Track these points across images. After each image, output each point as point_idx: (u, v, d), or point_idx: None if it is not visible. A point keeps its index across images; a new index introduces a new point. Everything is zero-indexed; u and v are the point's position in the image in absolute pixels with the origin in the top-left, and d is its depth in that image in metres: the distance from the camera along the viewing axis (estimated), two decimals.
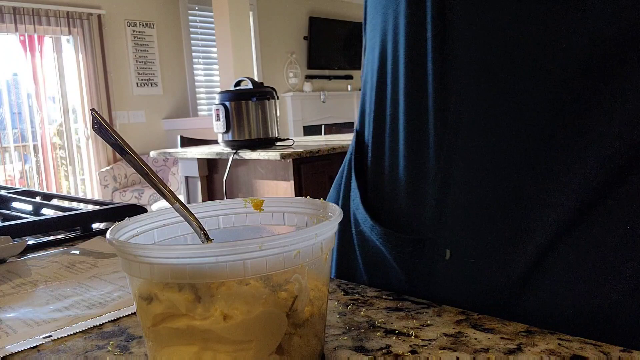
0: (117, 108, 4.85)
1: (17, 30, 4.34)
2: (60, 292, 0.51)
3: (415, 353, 0.35)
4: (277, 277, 0.31)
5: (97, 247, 0.68)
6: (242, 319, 0.30)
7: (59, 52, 4.69)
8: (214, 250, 0.29)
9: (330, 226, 0.33)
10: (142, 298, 0.32)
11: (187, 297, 0.30)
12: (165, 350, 0.31)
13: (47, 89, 4.69)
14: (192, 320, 0.30)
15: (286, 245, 0.30)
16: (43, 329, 0.42)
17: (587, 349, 0.34)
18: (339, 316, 0.42)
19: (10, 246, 0.63)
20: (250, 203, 0.41)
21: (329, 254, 0.34)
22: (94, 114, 0.33)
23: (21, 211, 0.92)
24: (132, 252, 0.30)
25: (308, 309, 0.32)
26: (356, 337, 0.38)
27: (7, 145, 4.58)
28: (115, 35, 4.85)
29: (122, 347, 0.38)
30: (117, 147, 0.33)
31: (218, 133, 2.49)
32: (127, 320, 0.44)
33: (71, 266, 0.60)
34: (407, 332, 0.38)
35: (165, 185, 0.35)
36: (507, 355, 0.34)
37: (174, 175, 4.41)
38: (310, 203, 0.39)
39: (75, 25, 4.61)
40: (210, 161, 2.70)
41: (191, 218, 0.36)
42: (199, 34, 5.40)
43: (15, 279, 0.56)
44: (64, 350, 0.39)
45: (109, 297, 0.49)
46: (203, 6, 5.31)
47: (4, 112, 4.56)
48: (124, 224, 0.36)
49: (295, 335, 0.31)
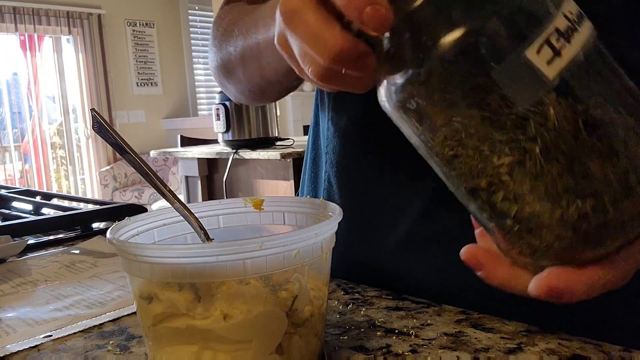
0: (117, 108, 4.84)
1: (17, 30, 4.34)
2: (60, 291, 0.51)
3: (415, 352, 0.35)
4: (277, 277, 0.31)
5: (97, 247, 0.68)
6: (242, 319, 0.30)
7: (58, 52, 4.68)
8: (214, 250, 0.29)
9: (330, 226, 0.32)
10: (142, 297, 0.32)
11: (187, 296, 0.30)
12: (165, 349, 0.31)
13: (47, 88, 4.69)
14: (192, 320, 0.30)
15: (286, 245, 0.30)
16: (43, 328, 0.42)
17: (587, 349, 0.34)
18: (339, 316, 0.42)
19: (10, 246, 0.63)
20: (250, 203, 0.41)
21: (329, 253, 0.34)
22: (94, 114, 0.33)
23: (21, 211, 0.92)
24: (132, 251, 0.30)
25: (308, 308, 0.32)
26: (356, 337, 0.38)
27: (7, 144, 4.58)
28: (115, 35, 4.84)
29: (122, 347, 0.38)
30: (117, 146, 0.33)
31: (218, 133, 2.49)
32: (127, 319, 0.44)
33: (71, 266, 0.60)
34: (407, 331, 0.38)
35: (165, 184, 0.35)
36: (507, 355, 0.34)
37: (174, 175, 4.40)
38: (310, 203, 0.39)
39: (75, 25, 4.60)
40: (210, 161, 2.70)
41: (191, 217, 0.36)
42: (199, 33, 5.40)
43: (15, 278, 0.56)
44: (64, 349, 0.39)
45: (109, 297, 0.49)
46: (203, 6, 5.31)
47: (4, 111, 4.56)
48: (124, 224, 0.36)
49: (295, 334, 0.31)
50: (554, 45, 0.24)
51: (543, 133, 0.25)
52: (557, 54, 0.24)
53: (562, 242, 0.26)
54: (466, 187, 0.27)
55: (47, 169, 4.71)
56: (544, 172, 0.25)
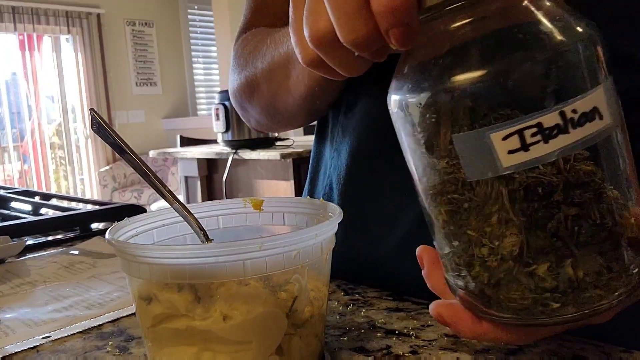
0: (116, 108, 4.84)
1: (16, 29, 4.33)
2: (59, 292, 0.51)
3: (415, 354, 0.35)
4: (277, 278, 0.31)
5: (96, 248, 0.68)
6: (242, 320, 0.29)
7: (58, 52, 4.68)
8: (214, 251, 0.29)
9: (330, 226, 0.32)
10: (141, 298, 0.32)
11: (186, 297, 0.30)
12: (164, 350, 0.31)
13: (46, 88, 4.69)
14: (191, 321, 0.30)
15: (286, 246, 0.30)
16: (42, 329, 0.42)
17: (588, 349, 0.34)
18: (339, 316, 0.42)
19: (9, 246, 0.63)
20: (250, 203, 0.41)
21: (329, 254, 0.34)
22: (93, 114, 0.33)
23: (20, 211, 0.92)
24: (132, 252, 0.30)
25: (308, 309, 0.32)
26: (356, 338, 0.38)
27: (6, 145, 4.58)
28: (114, 34, 4.84)
29: (122, 348, 0.38)
30: (116, 146, 0.33)
31: (218, 133, 2.49)
32: (127, 320, 0.43)
33: (70, 266, 0.60)
34: (407, 332, 0.38)
35: (164, 185, 0.34)
36: (507, 356, 0.34)
37: (173, 175, 4.40)
38: (310, 203, 0.39)
39: (74, 25, 4.60)
40: (210, 161, 2.70)
41: (191, 218, 0.35)
42: (199, 33, 5.40)
43: (14, 279, 0.56)
44: (63, 350, 0.38)
45: (108, 298, 0.49)
46: (203, 5, 5.30)
47: (3, 111, 4.55)
48: (123, 224, 0.36)
49: (295, 335, 0.31)
50: (525, 139, 0.24)
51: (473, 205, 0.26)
52: (524, 149, 0.24)
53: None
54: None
55: (46, 169, 4.71)
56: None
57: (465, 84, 0.24)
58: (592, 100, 0.24)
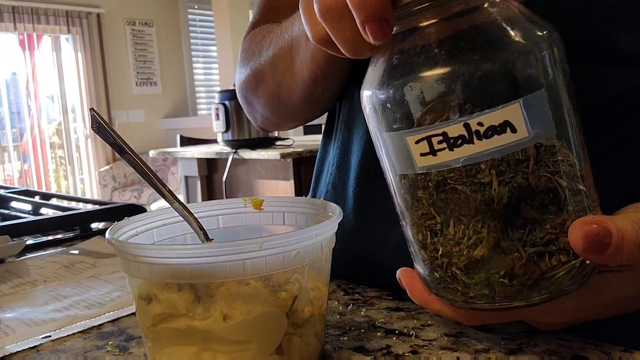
0: (116, 107, 4.84)
1: (16, 29, 4.33)
2: (59, 292, 0.51)
3: (415, 353, 0.35)
4: (277, 277, 0.31)
5: (96, 247, 0.68)
6: (242, 319, 0.29)
7: (58, 51, 4.68)
8: (214, 250, 0.29)
9: (330, 226, 0.32)
10: (141, 298, 0.32)
11: (186, 297, 0.30)
12: (164, 350, 0.31)
13: (46, 88, 4.69)
14: (191, 321, 0.30)
15: (286, 245, 0.30)
16: (42, 329, 0.42)
17: (588, 349, 0.34)
18: (339, 316, 0.42)
19: (9, 246, 0.63)
20: (250, 203, 0.41)
21: (328, 254, 0.34)
22: (93, 114, 0.33)
23: (20, 211, 0.92)
24: (132, 252, 0.30)
25: (308, 309, 0.32)
26: (356, 338, 0.38)
27: (6, 144, 4.58)
28: (114, 34, 4.84)
29: (122, 347, 0.38)
30: (116, 146, 0.33)
31: (218, 132, 2.49)
32: (127, 320, 0.43)
33: (70, 266, 0.60)
34: (407, 332, 0.38)
35: (164, 185, 0.34)
36: (507, 356, 0.34)
37: (173, 175, 4.40)
38: (310, 203, 0.39)
39: (74, 24, 4.60)
40: (210, 161, 2.70)
41: (190, 218, 0.35)
42: (199, 32, 5.39)
43: (14, 279, 0.56)
44: (63, 350, 0.38)
45: (108, 297, 0.49)
46: (203, 5, 5.30)
47: (3, 111, 4.55)
48: (123, 224, 0.36)
49: (295, 335, 0.31)
50: (433, 145, 0.26)
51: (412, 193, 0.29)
52: (433, 153, 0.27)
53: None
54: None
55: (46, 169, 4.71)
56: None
57: (399, 85, 0.27)
58: (503, 114, 0.25)
